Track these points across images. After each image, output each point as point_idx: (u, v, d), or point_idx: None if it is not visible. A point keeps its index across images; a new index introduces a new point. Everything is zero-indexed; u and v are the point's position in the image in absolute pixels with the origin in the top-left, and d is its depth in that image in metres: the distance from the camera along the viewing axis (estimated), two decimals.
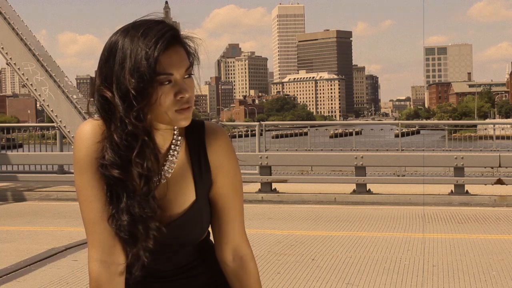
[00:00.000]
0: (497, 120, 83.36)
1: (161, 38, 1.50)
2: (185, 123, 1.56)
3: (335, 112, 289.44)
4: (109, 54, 1.53)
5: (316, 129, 20.43)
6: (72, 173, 13.73)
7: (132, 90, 1.48)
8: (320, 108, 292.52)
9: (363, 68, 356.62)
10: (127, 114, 1.50)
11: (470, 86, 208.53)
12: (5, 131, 18.71)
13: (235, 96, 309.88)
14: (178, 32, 1.56)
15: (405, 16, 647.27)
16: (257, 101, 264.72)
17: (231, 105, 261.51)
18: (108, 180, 1.56)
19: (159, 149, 1.60)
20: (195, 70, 1.60)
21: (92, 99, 1.57)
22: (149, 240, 1.58)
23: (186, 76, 1.55)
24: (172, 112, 1.53)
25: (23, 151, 16.28)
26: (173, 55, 1.52)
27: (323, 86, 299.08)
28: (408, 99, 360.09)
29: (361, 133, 22.05)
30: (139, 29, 1.52)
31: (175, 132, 1.65)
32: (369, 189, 12.52)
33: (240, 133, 16.64)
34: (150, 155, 1.55)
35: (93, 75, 1.61)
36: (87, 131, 1.60)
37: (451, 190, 12.12)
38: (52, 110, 14.00)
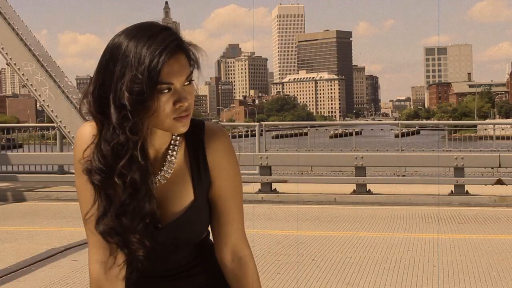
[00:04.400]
0: (497, 120, 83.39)
1: (165, 49, 1.47)
2: (183, 129, 1.56)
3: (335, 112, 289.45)
4: (110, 58, 1.50)
5: (316, 130, 20.44)
6: (72, 173, 13.73)
7: (128, 104, 1.45)
8: (320, 108, 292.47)
9: (363, 68, 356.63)
10: (121, 125, 1.47)
11: (470, 86, 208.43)
12: (5, 131, 18.70)
13: (235, 96, 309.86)
14: (182, 41, 1.53)
15: (406, 16, 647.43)
16: (257, 101, 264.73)
17: (231, 105, 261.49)
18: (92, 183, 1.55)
19: (151, 162, 1.58)
20: (197, 73, 1.58)
21: (86, 99, 1.55)
22: (136, 250, 1.56)
23: (186, 83, 1.54)
24: (171, 119, 1.52)
25: (23, 151, 16.29)
26: (174, 64, 1.50)
27: (323, 86, 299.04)
28: (408, 99, 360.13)
29: (361, 133, 22.07)
30: (144, 35, 1.49)
31: None
32: (369, 190, 12.52)
33: (240, 133, 16.64)
34: (137, 169, 1.52)
35: (93, 75, 1.57)
36: (87, 132, 1.60)
37: (451, 190, 12.12)
38: (52, 110, 14.01)
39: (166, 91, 1.49)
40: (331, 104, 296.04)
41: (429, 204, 11.46)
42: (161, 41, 1.48)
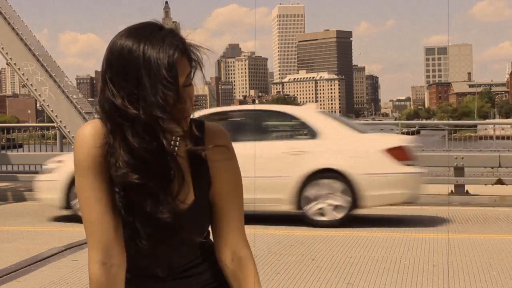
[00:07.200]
0: (497, 120, 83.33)
1: (175, 53, 1.49)
2: (181, 132, 1.56)
3: (335, 112, 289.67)
4: (128, 63, 1.50)
5: None
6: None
7: (161, 109, 1.47)
8: (320, 108, 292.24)
9: (363, 68, 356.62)
10: (153, 125, 1.49)
11: (470, 86, 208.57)
12: (5, 131, 18.72)
13: (235, 96, 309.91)
14: (185, 44, 1.55)
15: (406, 16, 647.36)
16: (257, 101, 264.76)
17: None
18: (125, 186, 1.56)
19: None
20: (200, 72, 1.59)
21: (98, 99, 1.57)
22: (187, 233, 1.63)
23: (186, 85, 1.54)
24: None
25: (23, 151, 16.29)
26: (177, 65, 1.51)
27: (323, 86, 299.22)
28: (408, 99, 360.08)
29: None
30: (154, 38, 1.50)
31: None
32: None
33: None
34: (171, 156, 1.57)
35: (93, 74, 1.58)
36: (88, 133, 1.60)
37: (451, 190, 12.12)
38: (52, 110, 14.01)
39: None
40: (331, 104, 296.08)
41: (429, 204, 11.46)
42: (171, 43, 1.50)
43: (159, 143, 1.52)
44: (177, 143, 1.64)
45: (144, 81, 1.48)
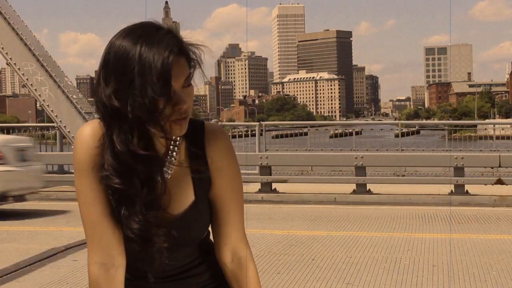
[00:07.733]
0: (497, 120, 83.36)
1: (170, 56, 1.48)
2: (180, 133, 1.56)
3: (335, 112, 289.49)
4: (123, 63, 1.49)
5: (316, 129, 20.46)
6: (72, 173, 13.74)
7: (146, 110, 1.46)
8: (320, 108, 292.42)
9: (363, 68, 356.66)
10: (139, 126, 1.48)
11: (470, 86, 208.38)
12: (5, 131, 18.70)
13: (235, 96, 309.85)
14: (183, 44, 1.54)
15: (406, 16, 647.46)
16: (257, 101, 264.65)
17: (231, 105, 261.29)
18: (111, 189, 1.55)
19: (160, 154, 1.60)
20: (200, 72, 1.59)
21: (94, 100, 1.56)
22: (162, 244, 1.59)
23: (185, 85, 1.54)
24: (168, 122, 1.52)
25: None
26: (174, 67, 1.50)
27: (323, 86, 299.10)
28: (408, 99, 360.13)
29: (361, 133, 22.10)
30: (151, 39, 1.49)
31: None
32: (369, 189, 12.53)
33: (240, 133, 16.65)
34: (154, 163, 1.55)
35: (93, 74, 1.57)
36: (87, 133, 1.59)
37: (451, 190, 12.13)
38: (52, 110, 14.02)
39: None
40: (331, 104, 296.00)
41: (429, 204, 11.47)
42: (167, 45, 1.49)
43: (145, 144, 1.51)
44: (177, 142, 1.64)
45: (136, 82, 1.47)
